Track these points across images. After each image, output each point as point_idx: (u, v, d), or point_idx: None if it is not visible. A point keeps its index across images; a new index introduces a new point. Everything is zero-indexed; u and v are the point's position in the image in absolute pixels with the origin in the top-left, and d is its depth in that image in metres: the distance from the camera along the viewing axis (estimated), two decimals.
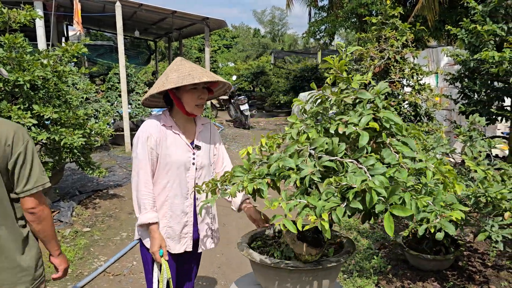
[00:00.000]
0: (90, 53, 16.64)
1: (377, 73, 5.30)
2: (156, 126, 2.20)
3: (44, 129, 4.85)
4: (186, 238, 2.32)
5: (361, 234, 4.58)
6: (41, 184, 1.83)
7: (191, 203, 2.31)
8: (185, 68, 2.18)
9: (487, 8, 4.60)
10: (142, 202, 2.16)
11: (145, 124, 2.23)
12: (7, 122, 1.81)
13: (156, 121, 2.23)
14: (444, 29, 10.31)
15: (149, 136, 2.17)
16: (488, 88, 4.79)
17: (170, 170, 2.22)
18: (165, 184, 2.22)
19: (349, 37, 36.98)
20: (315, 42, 15.70)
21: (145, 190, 2.16)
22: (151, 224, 2.16)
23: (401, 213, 1.41)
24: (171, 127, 2.24)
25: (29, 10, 4.82)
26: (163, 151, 2.20)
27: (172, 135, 2.24)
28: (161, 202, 2.24)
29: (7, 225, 1.80)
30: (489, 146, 3.36)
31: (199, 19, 12.72)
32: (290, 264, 1.78)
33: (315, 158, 1.61)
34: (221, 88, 2.44)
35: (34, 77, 4.50)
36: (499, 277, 3.52)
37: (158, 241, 2.16)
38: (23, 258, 1.87)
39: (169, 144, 2.22)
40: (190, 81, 2.10)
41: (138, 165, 2.17)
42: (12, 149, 1.76)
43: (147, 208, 2.15)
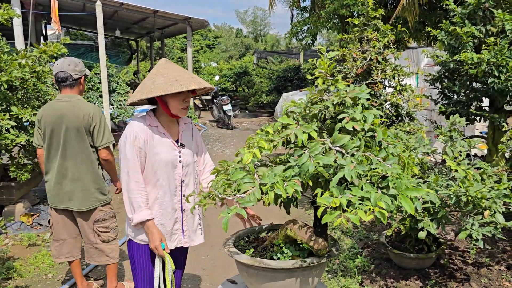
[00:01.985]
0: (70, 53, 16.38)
1: (359, 74, 5.35)
2: (142, 127, 2.25)
3: (23, 130, 4.75)
4: (177, 234, 2.38)
5: (344, 234, 4.62)
6: (110, 141, 3.20)
7: (179, 199, 2.36)
8: (171, 73, 2.20)
9: (465, 10, 4.69)
10: (135, 201, 2.20)
11: (131, 125, 2.26)
12: (90, 104, 3.17)
13: (142, 121, 2.28)
14: (424, 31, 10.47)
15: (136, 136, 2.21)
16: (467, 89, 4.88)
17: (159, 168, 2.26)
18: (154, 182, 2.27)
19: (331, 37, 37.27)
20: (297, 43, 15.76)
21: (137, 189, 2.20)
22: (148, 220, 2.21)
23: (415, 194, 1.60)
24: (157, 127, 2.29)
25: (6, 8, 4.72)
26: (150, 150, 2.24)
27: (158, 134, 2.29)
28: (151, 201, 2.28)
29: (88, 166, 3.17)
30: (469, 146, 3.42)
31: (181, 19, 12.65)
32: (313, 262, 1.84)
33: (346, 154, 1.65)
34: (203, 88, 2.44)
35: (11, 78, 4.40)
36: (479, 274, 3.58)
37: (158, 235, 2.21)
38: (93, 185, 3.20)
39: (156, 144, 2.26)
40: (178, 89, 2.14)
41: (128, 165, 2.20)
42: (92, 120, 3.12)
43: (141, 206, 2.20)
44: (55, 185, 3.18)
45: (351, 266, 3.78)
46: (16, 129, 4.61)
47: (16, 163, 4.83)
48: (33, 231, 4.75)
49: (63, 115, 3.09)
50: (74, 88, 3.19)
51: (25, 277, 3.80)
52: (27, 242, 4.46)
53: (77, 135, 3.11)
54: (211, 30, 38.51)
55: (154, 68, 2.27)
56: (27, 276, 3.82)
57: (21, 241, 4.48)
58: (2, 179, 4.99)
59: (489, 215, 2.88)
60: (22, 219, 4.91)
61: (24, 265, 3.99)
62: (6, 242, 4.47)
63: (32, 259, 4.09)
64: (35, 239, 4.53)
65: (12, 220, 4.87)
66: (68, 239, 3.32)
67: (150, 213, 2.22)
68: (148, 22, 14.11)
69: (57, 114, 3.11)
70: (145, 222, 2.21)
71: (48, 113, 3.14)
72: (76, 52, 17.89)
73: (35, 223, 4.95)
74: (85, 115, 3.10)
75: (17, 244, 4.43)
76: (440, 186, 3.16)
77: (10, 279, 3.74)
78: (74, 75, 3.17)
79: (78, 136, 3.12)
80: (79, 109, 3.11)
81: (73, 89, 3.20)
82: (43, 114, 3.16)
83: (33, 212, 5.10)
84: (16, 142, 4.46)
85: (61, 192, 3.17)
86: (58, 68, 3.13)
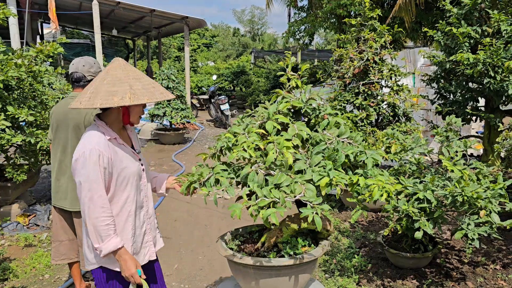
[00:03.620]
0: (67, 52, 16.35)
1: (356, 74, 5.36)
2: (104, 142, 1.99)
3: (19, 130, 4.73)
4: (148, 246, 2.24)
5: (342, 233, 4.63)
6: None
7: (146, 210, 2.24)
8: (142, 77, 2.04)
9: (462, 11, 4.70)
10: (102, 229, 1.94)
11: (89, 140, 1.98)
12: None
13: (100, 136, 2.01)
14: (421, 31, 10.51)
15: (100, 154, 1.94)
16: (463, 89, 4.90)
17: (128, 183, 2.08)
18: (125, 199, 2.07)
19: (328, 37, 37.29)
20: (294, 42, 15.76)
21: (104, 215, 1.94)
22: (119, 248, 2.00)
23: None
24: (116, 139, 2.08)
25: (2, 8, 4.70)
26: (118, 166, 2.02)
27: (119, 147, 2.08)
28: (124, 220, 2.08)
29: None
30: (465, 146, 3.44)
31: (179, 18, 12.63)
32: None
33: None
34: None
35: (7, 77, 4.38)
36: (475, 273, 3.60)
37: (133, 261, 2.02)
38: None
39: (122, 157, 2.06)
40: (163, 98, 2.01)
41: (91, 189, 1.92)
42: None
43: (110, 234, 1.96)
44: (55, 182, 3.20)
45: (348, 265, 3.79)
46: (12, 129, 4.59)
47: (13, 164, 4.82)
48: (29, 232, 4.74)
49: (69, 111, 3.12)
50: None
51: (21, 278, 3.79)
52: (24, 242, 4.45)
53: (78, 133, 3.11)
54: (208, 29, 38.45)
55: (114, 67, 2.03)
56: (23, 277, 3.81)
57: (17, 242, 4.47)
58: None
59: (484, 214, 2.90)
60: (18, 220, 4.89)
61: (21, 266, 3.98)
62: (2, 243, 4.45)
63: (28, 260, 4.08)
64: (32, 239, 4.52)
65: (8, 220, 4.86)
66: (65, 241, 3.31)
67: (121, 240, 2.00)
68: (145, 21, 14.09)
69: (64, 110, 3.15)
70: (116, 251, 1.99)
71: (57, 109, 3.21)
72: (73, 51, 17.86)
73: (31, 224, 4.93)
74: (87, 113, 3.10)
75: (13, 245, 4.42)
76: (437, 186, 3.17)
77: (6, 280, 3.73)
78: (88, 76, 3.21)
79: (79, 134, 3.11)
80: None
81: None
82: (54, 110, 3.23)
83: (29, 213, 5.08)
84: (12, 142, 4.44)
85: (60, 190, 3.18)
86: (73, 68, 3.20)
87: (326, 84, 6.20)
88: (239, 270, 2.17)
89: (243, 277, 2.15)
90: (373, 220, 5.01)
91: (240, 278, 2.18)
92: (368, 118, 5.20)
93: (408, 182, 3.27)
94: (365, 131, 5.16)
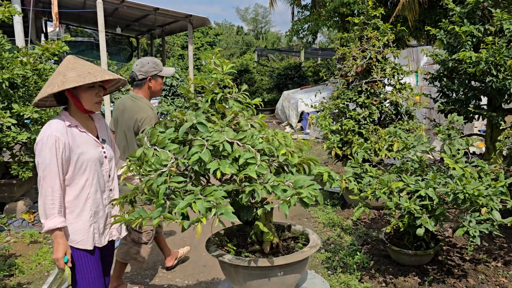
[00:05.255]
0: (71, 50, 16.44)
1: (359, 73, 5.38)
2: (62, 128, 2.15)
3: (25, 128, 4.78)
4: (108, 228, 2.39)
5: (344, 231, 4.66)
6: None
7: (108, 194, 2.38)
8: (83, 67, 2.18)
9: (464, 9, 4.72)
10: (48, 207, 2.10)
11: (49, 127, 2.14)
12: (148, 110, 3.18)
13: (61, 122, 2.18)
14: (424, 29, 10.48)
15: (56, 139, 2.10)
16: (466, 87, 4.91)
17: (87, 168, 2.22)
18: (84, 183, 2.22)
19: (331, 35, 37.24)
20: (298, 40, 15.78)
21: (51, 195, 2.10)
22: (58, 229, 2.12)
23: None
24: (76, 126, 2.23)
25: (8, 6, 4.74)
26: (75, 151, 2.17)
27: (79, 134, 2.23)
28: (83, 201, 2.23)
29: None
30: (467, 144, 3.45)
31: (182, 17, 12.66)
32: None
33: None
34: (114, 85, 2.46)
35: (13, 75, 4.43)
36: (477, 270, 3.62)
37: (64, 246, 2.14)
38: None
39: (80, 143, 2.21)
40: (92, 80, 2.10)
41: (45, 170, 2.10)
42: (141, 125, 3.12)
43: (54, 213, 2.10)
44: None
45: (351, 262, 3.82)
46: (18, 126, 4.63)
47: (18, 161, 4.87)
48: (34, 229, 4.79)
49: (124, 111, 3.25)
50: (141, 89, 3.29)
51: (27, 274, 3.83)
52: (29, 239, 4.50)
53: (127, 134, 3.23)
54: (212, 28, 38.48)
55: (61, 65, 2.19)
56: (29, 273, 3.86)
57: (23, 238, 4.52)
58: (3, 177, 5.03)
59: (486, 212, 2.92)
60: (24, 217, 4.94)
61: (26, 262, 4.03)
62: (8, 239, 4.50)
63: (34, 256, 4.13)
64: (37, 236, 4.57)
65: (14, 217, 4.91)
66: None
67: (62, 221, 2.13)
68: (149, 20, 14.12)
69: (121, 108, 3.29)
70: (55, 230, 2.11)
71: (117, 104, 3.38)
72: (77, 49, 17.92)
73: (36, 221, 4.98)
74: (137, 120, 3.16)
75: (18, 241, 4.47)
76: (438, 184, 3.19)
77: (12, 276, 3.78)
78: (139, 75, 3.25)
79: (129, 135, 3.23)
80: (135, 113, 3.18)
81: (140, 89, 3.30)
82: (117, 104, 3.40)
83: (34, 210, 5.13)
84: (17, 139, 4.49)
85: None
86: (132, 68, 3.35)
87: (329, 82, 6.22)
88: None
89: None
90: (375, 218, 5.03)
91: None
92: (371, 116, 5.22)
93: (410, 179, 3.30)
94: (368, 129, 5.18)
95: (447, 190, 3.00)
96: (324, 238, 4.53)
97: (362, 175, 3.59)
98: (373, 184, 3.38)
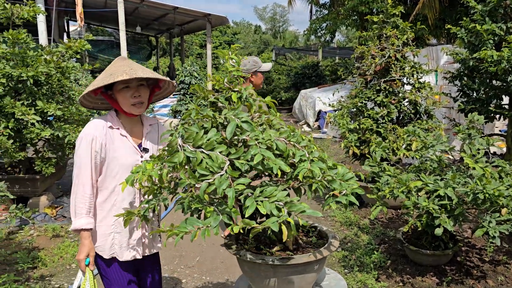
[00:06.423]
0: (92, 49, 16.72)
1: (378, 72, 5.35)
2: (102, 128, 2.10)
3: (48, 125, 4.90)
4: (135, 245, 2.22)
5: (361, 230, 4.65)
6: None
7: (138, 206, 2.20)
8: (113, 68, 2.12)
9: (486, 7, 4.65)
10: (78, 206, 2.07)
11: (90, 125, 2.11)
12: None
13: (103, 122, 2.13)
14: (444, 28, 10.34)
15: (94, 138, 2.06)
16: (487, 86, 4.84)
17: (118, 173, 2.12)
18: (113, 188, 2.13)
19: (350, 34, 36.96)
20: (316, 40, 15.73)
21: (82, 194, 2.07)
22: (84, 230, 2.07)
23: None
24: (118, 129, 2.15)
25: (32, 5, 4.86)
26: (110, 154, 2.11)
27: (119, 137, 2.15)
28: (109, 207, 2.15)
29: None
30: (487, 144, 3.41)
31: (201, 16, 12.75)
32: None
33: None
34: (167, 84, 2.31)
35: (37, 73, 4.54)
36: (496, 271, 3.58)
37: (87, 248, 2.08)
38: None
39: (117, 147, 2.12)
40: (105, 82, 2.03)
41: (80, 167, 2.07)
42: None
43: (82, 213, 2.06)
44: None
45: (368, 261, 3.81)
46: (41, 123, 4.75)
47: (41, 157, 4.99)
48: (56, 223, 4.91)
49: None
50: (245, 84, 3.50)
51: (49, 267, 3.94)
52: (51, 233, 4.61)
53: None
54: (230, 27, 38.60)
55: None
56: (51, 265, 3.96)
57: (46, 232, 4.63)
58: (27, 172, 5.17)
59: (506, 212, 2.89)
60: (46, 211, 5.07)
61: (49, 255, 4.13)
62: (32, 233, 4.63)
63: (56, 250, 4.23)
64: (59, 230, 4.68)
65: (37, 211, 5.04)
66: None
67: (90, 223, 2.08)
68: (168, 19, 14.27)
69: None
70: (80, 230, 2.07)
71: None
72: (98, 48, 18.22)
73: (58, 215, 5.11)
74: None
75: (41, 235, 4.59)
76: (458, 184, 3.16)
77: (36, 268, 3.89)
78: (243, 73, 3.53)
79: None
80: None
81: (244, 84, 3.52)
82: None
83: (57, 205, 5.26)
84: (41, 136, 4.61)
85: None
86: None
87: (347, 81, 6.19)
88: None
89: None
90: (393, 218, 5.01)
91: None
92: (389, 115, 5.19)
93: (428, 179, 3.27)
94: (386, 128, 5.16)
95: (466, 190, 2.97)
96: (341, 237, 4.53)
97: (380, 174, 3.58)
98: (391, 183, 3.37)
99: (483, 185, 2.89)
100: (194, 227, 1.65)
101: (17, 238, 4.50)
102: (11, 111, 4.42)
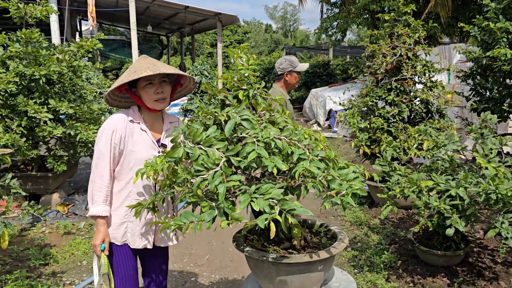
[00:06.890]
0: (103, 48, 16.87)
1: (389, 70, 5.31)
2: (123, 121, 2.20)
3: (60, 123, 4.95)
4: (147, 234, 2.31)
5: (371, 230, 4.62)
6: None
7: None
8: (137, 65, 2.18)
9: (500, 5, 4.58)
10: (95, 194, 2.17)
11: (112, 117, 2.22)
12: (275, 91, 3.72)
13: (124, 115, 2.22)
14: (457, 26, 10.23)
15: (114, 130, 2.16)
16: (500, 85, 4.77)
17: (135, 166, 2.19)
18: (128, 180, 2.22)
19: (361, 33, 36.74)
20: (327, 38, 15.66)
21: (100, 183, 2.17)
22: (100, 217, 2.17)
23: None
24: (139, 124, 2.24)
25: (45, 5, 4.91)
26: (128, 147, 2.20)
27: (139, 131, 2.23)
28: (123, 197, 2.24)
29: None
30: (500, 143, 3.37)
31: (212, 15, 12.78)
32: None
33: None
34: (188, 80, 2.37)
35: (50, 72, 4.59)
36: (509, 273, 3.53)
37: (103, 235, 2.18)
38: None
39: (135, 141, 2.21)
40: (129, 78, 2.10)
41: (99, 157, 2.17)
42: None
43: (99, 200, 2.16)
44: None
45: (378, 261, 3.79)
46: (53, 121, 4.80)
47: (53, 155, 5.05)
48: (68, 220, 4.96)
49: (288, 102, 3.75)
50: (279, 81, 3.89)
51: (61, 263, 3.98)
52: (63, 230, 4.66)
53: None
54: (241, 26, 38.61)
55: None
56: (62, 262, 4.01)
57: (57, 229, 4.69)
58: (39, 170, 5.23)
59: None
60: (58, 208, 5.13)
61: (60, 252, 4.18)
62: (43, 230, 4.68)
63: (67, 247, 4.28)
64: (70, 227, 4.73)
65: (49, 209, 5.10)
66: None
67: (106, 210, 2.17)
68: (179, 18, 14.32)
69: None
70: (96, 217, 2.17)
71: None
72: (109, 47, 18.35)
73: (70, 213, 5.16)
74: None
75: (53, 232, 4.64)
76: (470, 184, 3.12)
77: (47, 265, 3.93)
78: (278, 71, 3.84)
79: None
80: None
81: (279, 82, 3.90)
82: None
83: (68, 202, 5.31)
84: (53, 134, 4.67)
85: None
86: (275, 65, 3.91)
87: (358, 80, 6.15)
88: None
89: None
90: (404, 218, 4.96)
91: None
92: (400, 114, 5.15)
93: (440, 179, 3.24)
94: (397, 128, 5.11)
95: (478, 190, 2.93)
96: (351, 236, 4.50)
97: (391, 174, 3.55)
98: (402, 183, 3.34)
99: (496, 185, 2.85)
100: (188, 220, 1.69)
101: (29, 235, 4.55)
102: (24, 109, 4.47)
